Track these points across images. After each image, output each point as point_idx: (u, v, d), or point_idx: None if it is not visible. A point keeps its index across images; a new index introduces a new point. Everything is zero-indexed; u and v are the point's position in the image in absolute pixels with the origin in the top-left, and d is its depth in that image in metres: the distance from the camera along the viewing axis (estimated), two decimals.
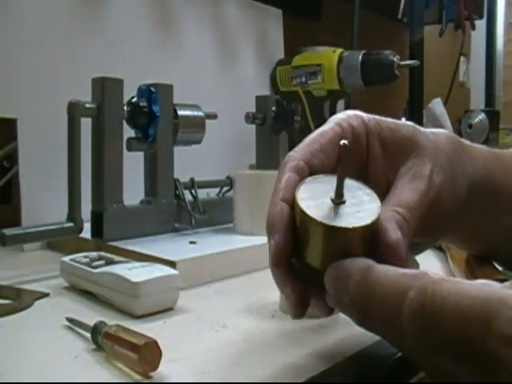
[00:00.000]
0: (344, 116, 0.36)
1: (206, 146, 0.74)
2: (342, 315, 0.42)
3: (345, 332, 0.38)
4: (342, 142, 0.29)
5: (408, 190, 0.33)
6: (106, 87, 0.60)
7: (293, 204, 0.31)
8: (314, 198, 0.31)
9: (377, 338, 0.37)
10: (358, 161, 0.36)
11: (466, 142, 0.41)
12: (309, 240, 0.30)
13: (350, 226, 0.29)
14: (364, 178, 0.35)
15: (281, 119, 0.88)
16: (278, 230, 0.30)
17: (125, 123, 0.63)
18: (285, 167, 0.33)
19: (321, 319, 0.41)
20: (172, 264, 0.49)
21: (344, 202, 0.30)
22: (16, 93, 0.69)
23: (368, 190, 0.32)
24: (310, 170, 0.33)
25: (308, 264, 0.31)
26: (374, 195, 0.32)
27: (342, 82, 0.98)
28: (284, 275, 0.31)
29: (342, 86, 0.99)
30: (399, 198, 0.33)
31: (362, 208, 0.30)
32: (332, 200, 0.30)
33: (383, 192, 0.34)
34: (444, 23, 1.56)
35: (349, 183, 0.31)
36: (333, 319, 0.42)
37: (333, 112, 1.05)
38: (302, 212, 0.30)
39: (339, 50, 1.00)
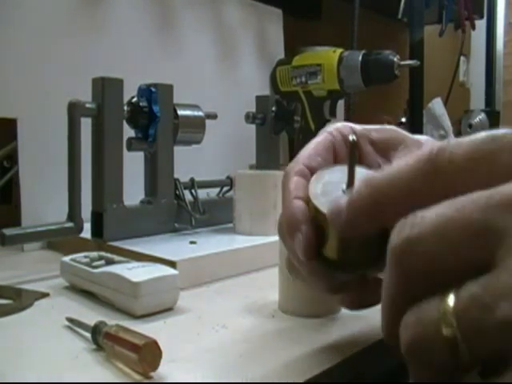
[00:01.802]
0: (333, 126, 0.38)
1: (206, 146, 0.74)
2: (341, 315, 0.42)
3: (345, 332, 0.38)
4: (350, 137, 0.30)
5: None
6: (106, 87, 0.60)
7: (306, 203, 0.32)
8: (327, 193, 0.31)
9: (377, 338, 0.37)
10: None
11: None
12: (325, 235, 0.30)
13: None
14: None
15: (281, 119, 0.88)
16: (303, 222, 0.31)
17: (125, 123, 0.63)
18: (289, 173, 0.34)
19: (321, 319, 0.41)
20: (172, 264, 0.49)
21: None
22: (16, 93, 0.69)
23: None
24: (311, 172, 0.34)
25: (326, 257, 0.31)
26: None
27: (342, 82, 0.98)
28: (317, 267, 0.31)
29: (342, 86, 0.99)
30: None
31: None
32: (344, 192, 0.31)
33: None
34: (444, 23, 1.56)
35: (357, 171, 0.31)
36: (333, 319, 0.42)
37: (333, 112, 1.05)
38: (316, 209, 0.30)
39: (339, 50, 1.00)
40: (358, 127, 0.38)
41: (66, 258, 0.50)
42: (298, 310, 0.42)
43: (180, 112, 0.69)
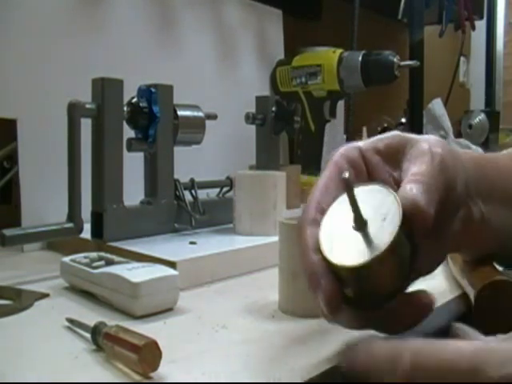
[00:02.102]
0: (338, 152, 0.38)
1: (206, 146, 0.74)
2: None
3: (345, 332, 0.38)
4: (342, 176, 0.31)
5: (414, 166, 0.35)
6: (106, 87, 0.60)
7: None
8: (338, 239, 0.32)
9: (377, 338, 0.37)
10: (362, 180, 0.37)
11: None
12: (343, 279, 0.31)
13: (371, 256, 0.29)
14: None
15: (281, 119, 0.88)
16: (322, 276, 0.31)
17: (125, 124, 0.63)
18: (303, 225, 0.35)
19: (321, 319, 0.41)
20: (172, 264, 0.49)
21: (366, 223, 0.31)
22: (16, 93, 0.69)
23: (380, 187, 0.33)
24: (322, 212, 0.34)
25: (348, 297, 0.32)
26: (389, 189, 0.32)
27: (342, 83, 0.99)
28: (343, 312, 0.32)
29: (341, 87, 0.99)
30: (411, 173, 0.34)
31: (385, 210, 0.31)
32: (354, 228, 0.31)
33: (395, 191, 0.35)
34: (444, 23, 1.56)
35: (361, 192, 0.32)
36: None
37: (333, 112, 1.05)
38: (331, 263, 0.31)
39: (339, 51, 1.00)
40: (361, 143, 0.39)
41: (66, 259, 0.50)
42: (298, 310, 0.42)
43: (180, 112, 0.69)
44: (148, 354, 0.31)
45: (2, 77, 0.68)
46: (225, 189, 0.77)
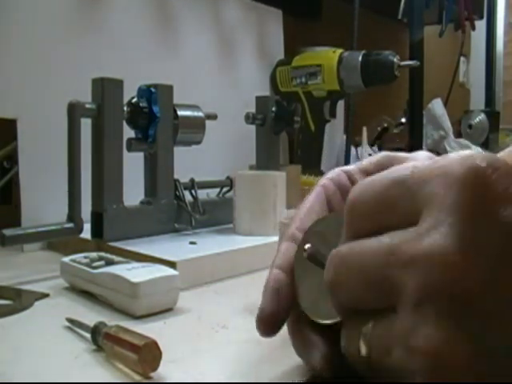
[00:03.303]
0: (326, 176, 0.38)
1: (206, 146, 0.74)
2: None
3: None
4: (306, 250, 0.30)
5: None
6: (105, 88, 0.60)
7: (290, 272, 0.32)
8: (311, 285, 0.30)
9: None
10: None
11: None
12: None
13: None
14: None
15: (281, 119, 0.88)
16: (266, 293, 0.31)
17: (125, 124, 0.63)
18: (282, 237, 0.35)
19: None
20: (172, 264, 0.50)
21: None
22: (16, 93, 0.69)
23: None
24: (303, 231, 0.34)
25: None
26: None
27: (342, 83, 0.99)
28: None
29: (341, 87, 0.99)
30: None
31: None
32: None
33: None
34: (444, 23, 1.56)
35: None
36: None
37: (333, 112, 1.05)
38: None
39: (339, 51, 1.00)
40: (349, 167, 0.38)
41: (66, 259, 0.50)
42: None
43: (180, 112, 0.69)
44: (148, 354, 0.31)
45: (2, 77, 0.68)
46: (225, 189, 0.77)
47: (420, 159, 0.35)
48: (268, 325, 0.31)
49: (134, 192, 0.65)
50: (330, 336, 0.28)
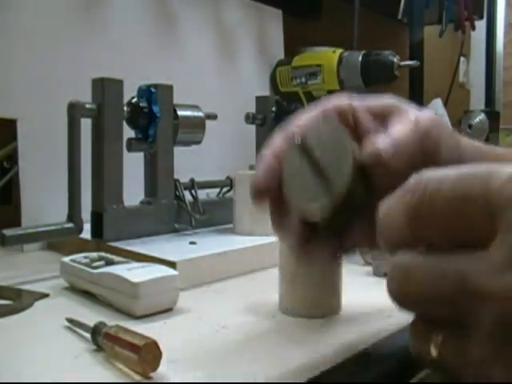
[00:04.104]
0: (330, 100, 0.38)
1: (206, 146, 0.74)
2: (341, 315, 0.42)
3: (345, 332, 0.38)
4: (295, 141, 0.33)
5: (393, 128, 0.35)
6: (105, 88, 0.60)
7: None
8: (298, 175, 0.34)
9: (377, 338, 0.37)
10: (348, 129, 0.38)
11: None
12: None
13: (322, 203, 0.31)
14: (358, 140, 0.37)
15: (281, 120, 0.88)
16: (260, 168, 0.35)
17: (125, 124, 0.63)
18: (281, 133, 0.37)
19: (321, 319, 0.41)
20: (172, 264, 0.49)
21: (323, 169, 0.32)
22: (16, 93, 0.69)
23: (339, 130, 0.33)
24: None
25: None
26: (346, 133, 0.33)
27: (342, 83, 0.98)
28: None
29: (341, 87, 0.99)
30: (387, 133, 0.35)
31: (341, 153, 0.32)
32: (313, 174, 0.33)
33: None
34: (444, 23, 1.56)
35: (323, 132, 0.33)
36: (333, 319, 0.42)
37: None
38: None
39: (339, 51, 1.00)
40: (358, 104, 0.38)
41: (66, 259, 0.50)
42: (298, 310, 0.42)
43: (180, 112, 0.69)
44: (148, 354, 0.31)
45: (2, 77, 0.68)
46: (225, 189, 0.77)
47: (424, 118, 0.36)
48: (259, 191, 0.35)
49: (134, 192, 0.65)
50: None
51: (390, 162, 0.32)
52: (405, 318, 0.25)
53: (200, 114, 0.72)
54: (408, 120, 0.35)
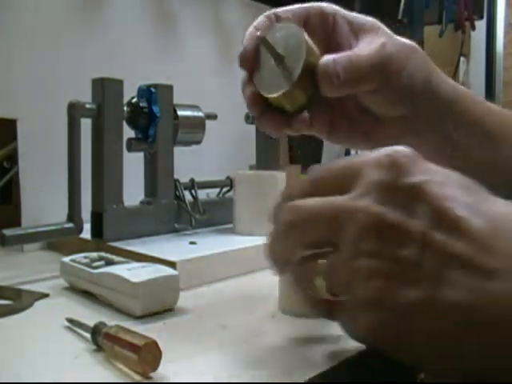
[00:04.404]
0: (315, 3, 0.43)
1: (206, 146, 0.74)
2: None
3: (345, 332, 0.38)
4: (257, 36, 0.42)
5: (359, 46, 0.40)
6: (105, 88, 0.60)
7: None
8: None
9: None
10: (323, 33, 0.42)
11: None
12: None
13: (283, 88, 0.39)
14: (330, 45, 0.42)
15: None
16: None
17: (125, 124, 0.63)
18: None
19: (321, 319, 0.41)
20: (172, 264, 0.49)
21: (283, 59, 0.39)
22: (16, 93, 0.69)
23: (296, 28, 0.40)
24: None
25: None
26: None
27: None
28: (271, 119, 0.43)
29: None
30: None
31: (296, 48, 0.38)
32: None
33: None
34: (444, 23, 1.56)
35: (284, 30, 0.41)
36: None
37: None
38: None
39: None
40: (339, 8, 0.43)
41: (66, 259, 0.50)
42: (298, 310, 0.42)
43: (180, 112, 0.69)
44: (148, 354, 0.31)
45: (2, 77, 0.68)
46: (225, 189, 0.77)
47: (394, 43, 0.41)
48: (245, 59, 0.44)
49: (134, 192, 0.65)
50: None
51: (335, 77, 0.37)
52: None
53: (200, 114, 0.72)
54: (376, 42, 0.39)
